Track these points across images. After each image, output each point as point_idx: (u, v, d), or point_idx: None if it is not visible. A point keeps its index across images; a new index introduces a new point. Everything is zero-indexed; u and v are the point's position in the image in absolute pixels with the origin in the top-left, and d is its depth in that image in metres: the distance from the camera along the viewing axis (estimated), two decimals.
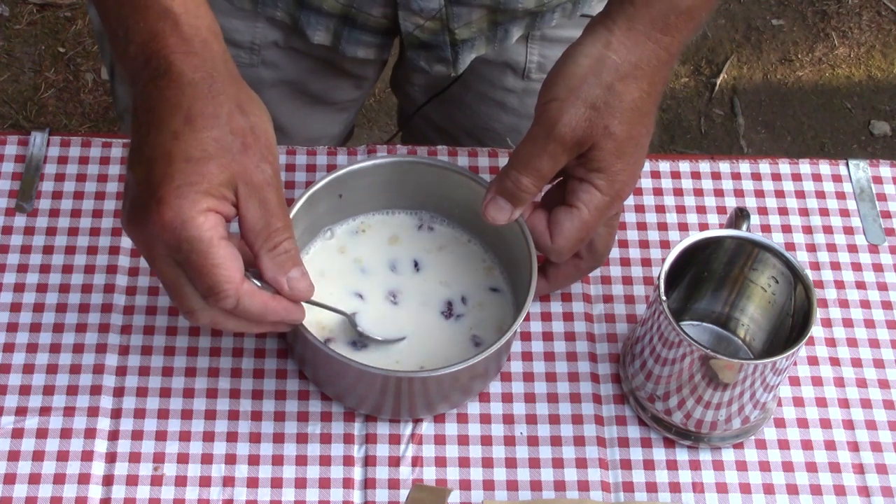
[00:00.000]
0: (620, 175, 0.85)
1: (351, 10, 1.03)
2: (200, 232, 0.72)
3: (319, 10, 1.03)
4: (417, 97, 1.21)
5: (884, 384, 0.94)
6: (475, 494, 0.88)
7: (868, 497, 0.89)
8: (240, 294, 0.74)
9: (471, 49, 1.06)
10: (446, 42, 1.05)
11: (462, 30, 1.04)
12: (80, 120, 2.17)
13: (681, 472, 0.90)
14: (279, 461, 0.88)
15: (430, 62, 1.07)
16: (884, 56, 2.35)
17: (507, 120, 1.18)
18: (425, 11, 1.01)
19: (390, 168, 0.93)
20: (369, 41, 1.07)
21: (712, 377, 0.84)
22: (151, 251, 0.74)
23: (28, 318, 0.94)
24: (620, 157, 0.84)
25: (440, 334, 0.90)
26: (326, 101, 1.18)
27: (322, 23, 1.04)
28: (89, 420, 0.89)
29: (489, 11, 1.03)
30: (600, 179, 0.85)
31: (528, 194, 0.86)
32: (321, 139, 1.19)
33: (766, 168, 1.05)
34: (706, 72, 2.31)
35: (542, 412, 0.91)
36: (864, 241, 1.02)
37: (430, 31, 1.03)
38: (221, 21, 0.80)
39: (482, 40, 1.06)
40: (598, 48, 0.83)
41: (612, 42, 0.83)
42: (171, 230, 0.72)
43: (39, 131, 1.02)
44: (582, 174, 0.85)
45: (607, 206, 0.86)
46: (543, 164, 0.84)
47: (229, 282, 0.73)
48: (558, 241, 0.87)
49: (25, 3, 2.28)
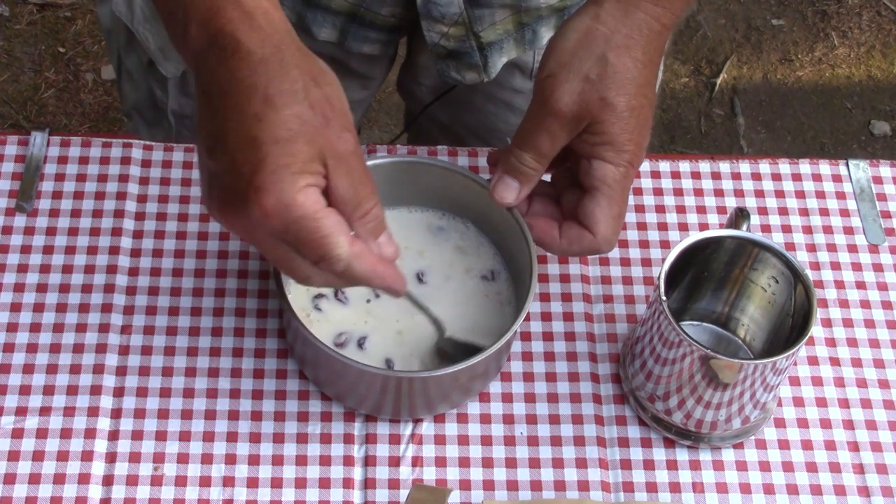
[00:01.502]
0: (627, 145, 0.85)
1: (360, 10, 1.03)
2: (304, 210, 0.71)
3: (327, 8, 1.03)
4: (424, 97, 1.21)
5: (884, 384, 0.94)
6: (475, 494, 0.88)
7: (868, 497, 0.89)
8: (350, 258, 0.74)
9: (500, 52, 1.06)
10: (473, 47, 1.04)
11: (487, 32, 1.03)
12: (80, 120, 2.17)
13: (681, 472, 0.90)
14: (279, 461, 0.88)
15: (460, 71, 1.07)
16: (884, 56, 2.35)
17: (515, 121, 1.18)
18: (447, 17, 1.01)
19: (390, 168, 0.93)
20: (375, 38, 1.07)
21: (712, 377, 0.84)
22: (254, 236, 0.74)
23: (28, 318, 0.94)
24: (623, 130, 0.84)
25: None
26: None
27: (329, 20, 1.04)
28: (89, 420, 0.89)
29: (513, 11, 1.03)
30: (608, 151, 0.85)
31: (531, 171, 0.86)
32: None
33: (766, 168, 1.05)
34: (706, 72, 2.31)
35: (542, 412, 0.92)
36: (864, 241, 1.02)
37: (455, 37, 1.03)
38: None
39: (510, 42, 1.06)
40: (587, 21, 0.84)
41: (600, 14, 0.83)
42: (275, 216, 0.71)
43: (39, 131, 1.02)
44: (589, 151, 0.85)
45: (623, 177, 0.86)
46: (543, 141, 0.85)
47: (339, 247, 0.73)
48: (600, 229, 0.87)
49: (25, 3, 2.28)
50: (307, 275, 0.76)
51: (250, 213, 0.71)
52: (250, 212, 0.71)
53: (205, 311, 0.94)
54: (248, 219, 0.72)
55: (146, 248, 0.97)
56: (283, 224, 0.72)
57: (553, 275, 0.98)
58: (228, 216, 0.74)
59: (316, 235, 0.72)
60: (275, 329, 0.94)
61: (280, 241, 0.73)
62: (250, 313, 0.94)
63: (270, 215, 0.71)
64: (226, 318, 0.94)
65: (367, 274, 0.76)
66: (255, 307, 0.95)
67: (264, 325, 0.94)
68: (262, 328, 0.94)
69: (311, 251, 0.73)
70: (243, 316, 0.94)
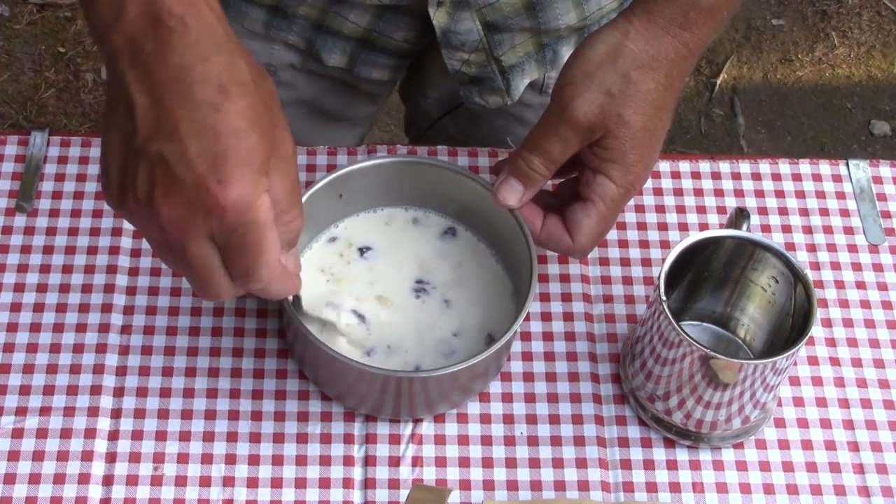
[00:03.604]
0: (635, 167, 0.85)
1: (372, 34, 1.03)
2: (259, 216, 0.68)
3: (339, 33, 1.03)
4: (431, 109, 1.21)
5: (884, 384, 0.94)
6: (475, 494, 0.88)
7: (868, 497, 0.89)
8: (271, 280, 0.72)
9: (522, 74, 1.06)
10: (495, 71, 1.04)
11: (508, 56, 1.03)
12: (80, 120, 2.17)
13: (681, 472, 0.90)
14: (279, 461, 0.88)
15: (483, 96, 1.07)
16: (884, 56, 2.35)
17: (524, 133, 1.17)
18: (467, 45, 1.01)
19: (390, 168, 0.93)
20: (385, 63, 1.07)
21: (712, 377, 0.84)
22: (187, 232, 0.69)
23: (28, 318, 0.94)
24: (635, 148, 0.84)
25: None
26: (342, 118, 1.18)
27: (339, 46, 1.04)
28: (89, 420, 0.89)
29: (532, 34, 1.03)
30: (614, 170, 0.85)
31: (538, 175, 0.86)
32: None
33: (766, 168, 1.05)
34: (706, 72, 2.31)
35: (542, 412, 0.92)
36: (864, 241, 1.02)
37: (476, 63, 1.03)
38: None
39: (532, 64, 1.06)
40: (617, 37, 0.84)
41: (630, 32, 0.84)
42: (233, 212, 0.67)
43: (39, 131, 1.02)
44: (596, 164, 0.85)
45: (622, 198, 0.86)
46: (554, 146, 0.85)
47: (267, 267, 0.71)
48: (579, 238, 0.87)
49: (25, 3, 2.28)
50: (219, 291, 0.72)
51: (202, 204, 0.67)
52: (203, 202, 0.67)
53: (205, 311, 0.94)
54: (194, 209, 0.68)
55: (146, 248, 0.97)
56: (234, 223, 0.68)
57: (553, 275, 0.98)
58: (162, 207, 0.68)
59: (255, 247, 0.69)
60: (275, 329, 0.94)
61: (211, 243, 0.70)
62: (250, 313, 0.94)
63: (228, 210, 0.67)
64: (226, 318, 0.94)
65: (277, 294, 0.74)
66: (255, 307, 0.95)
67: (264, 325, 0.94)
68: (262, 328, 0.94)
69: (241, 260, 0.70)
70: (243, 316, 0.94)
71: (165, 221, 0.69)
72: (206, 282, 0.72)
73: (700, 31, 0.85)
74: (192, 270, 0.71)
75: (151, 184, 0.68)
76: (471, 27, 1.00)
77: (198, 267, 0.71)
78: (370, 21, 1.02)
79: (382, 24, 1.02)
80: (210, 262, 0.70)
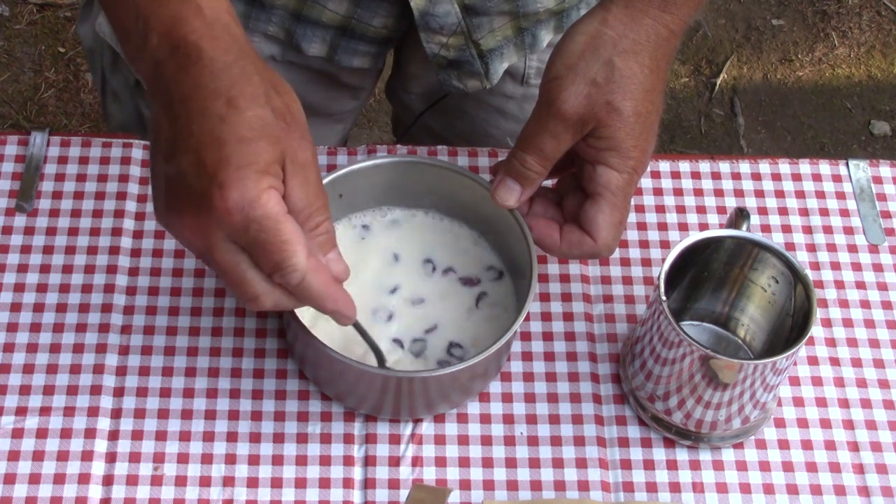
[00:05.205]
0: (632, 151, 0.85)
1: (351, 21, 1.03)
2: (267, 209, 0.70)
3: (317, 22, 1.03)
4: (415, 105, 1.20)
5: (884, 384, 0.95)
6: (475, 494, 0.88)
7: (868, 497, 0.89)
8: (307, 269, 0.73)
9: (500, 58, 1.06)
10: (473, 55, 1.04)
11: (487, 39, 1.03)
12: (80, 120, 2.17)
13: (681, 472, 0.90)
14: (279, 461, 0.88)
15: (462, 79, 1.07)
16: (884, 56, 2.35)
17: (506, 126, 1.18)
18: (446, 28, 1.01)
19: (390, 168, 0.93)
20: (365, 51, 1.07)
21: (712, 377, 0.84)
22: (209, 240, 0.72)
23: (28, 318, 0.94)
24: (629, 134, 0.84)
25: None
26: (324, 112, 1.17)
27: (318, 35, 1.04)
28: (89, 420, 0.89)
29: (511, 17, 1.03)
30: (613, 157, 0.85)
31: (534, 173, 0.86)
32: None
33: (766, 168, 1.05)
34: (706, 72, 2.31)
35: (542, 412, 0.92)
36: (864, 241, 1.02)
37: (454, 47, 1.03)
38: None
39: (510, 48, 1.06)
40: (595, 25, 0.84)
41: (608, 19, 0.83)
42: (238, 212, 0.70)
43: (39, 131, 1.02)
44: (594, 156, 0.85)
45: (627, 184, 0.86)
46: (546, 143, 0.84)
47: (297, 255, 0.72)
48: (600, 235, 0.87)
49: (25, 3, 2.28)
50: (257, 292, 0.74)
51: (211, 210, 0.70)
52: (211, 209, 0.70)
53: (205, 311, 0.94)
54: (207, 217, 0.71)
55: (146, 248, 0.97)
56: (243, 221, 0.70)
57: (553, 275, 0.98)
58: (186, 218, 0.72)
59: (275, 238, 0.71)
60: (275, 329, 0.94)
61: (234, 246, 0.72)
62: (250, 313, 0.94)
63: (232, 211, 0.70)
64: (226, 318, 0.94)
65: (321, 291, 0.74)
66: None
67: (264, 325, 0.94)
68: (262, 328, 0.94)
69: (268, 255, 0.72)
70: (243, 316, 0.94)
71: (189, 232, 0.73)
72: (240, 285, 0.74)
73: (680, 11, 0.85)
74: (225, 276, 0.74)
75: (174, 198, 0.72)
76: (449, 10, 0.99)
77: (228, 271, 0.73)
78: (348, 8, 1.02)
79: (361, 11, 1.02)
80: (237, 264, 0.73)
